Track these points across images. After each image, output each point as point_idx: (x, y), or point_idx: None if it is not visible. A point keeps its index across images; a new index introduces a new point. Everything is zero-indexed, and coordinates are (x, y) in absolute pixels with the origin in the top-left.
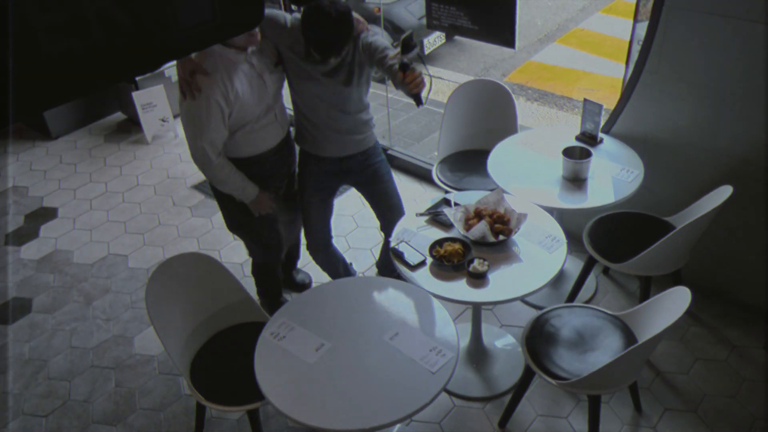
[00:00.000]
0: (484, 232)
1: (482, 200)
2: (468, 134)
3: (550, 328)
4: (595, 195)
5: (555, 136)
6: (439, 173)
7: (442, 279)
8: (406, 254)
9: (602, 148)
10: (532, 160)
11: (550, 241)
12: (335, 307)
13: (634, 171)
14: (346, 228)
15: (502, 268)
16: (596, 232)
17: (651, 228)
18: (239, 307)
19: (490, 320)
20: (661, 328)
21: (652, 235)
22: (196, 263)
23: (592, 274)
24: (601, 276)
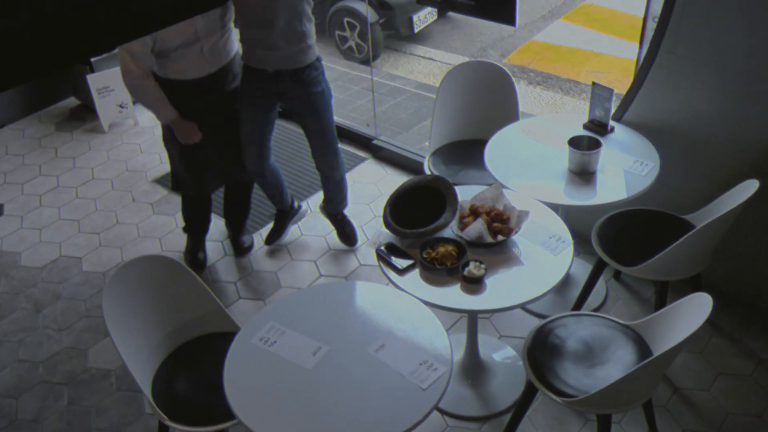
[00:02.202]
0: (481, 232)
1: (479, 196)
2: (463, 122)
3: (554, 339)
4: (605, 190)
5: (560, 124)
6: (431, 166)
7: (433, 284)
8: (393, 257)
9: (613, 137)
10: (535, 151)
11: (555, 242)
12: (310, 316)
13: (648, 163)
14: (326, 227)
15: (500, 272)
16: (606, 231)
17: (668, 227)
18: (207, 315)
19: (487, 330)
20: (679, 340)
21: (669, 235)
22: (159, 267)
23: (601, 279)
24: (611, 281)
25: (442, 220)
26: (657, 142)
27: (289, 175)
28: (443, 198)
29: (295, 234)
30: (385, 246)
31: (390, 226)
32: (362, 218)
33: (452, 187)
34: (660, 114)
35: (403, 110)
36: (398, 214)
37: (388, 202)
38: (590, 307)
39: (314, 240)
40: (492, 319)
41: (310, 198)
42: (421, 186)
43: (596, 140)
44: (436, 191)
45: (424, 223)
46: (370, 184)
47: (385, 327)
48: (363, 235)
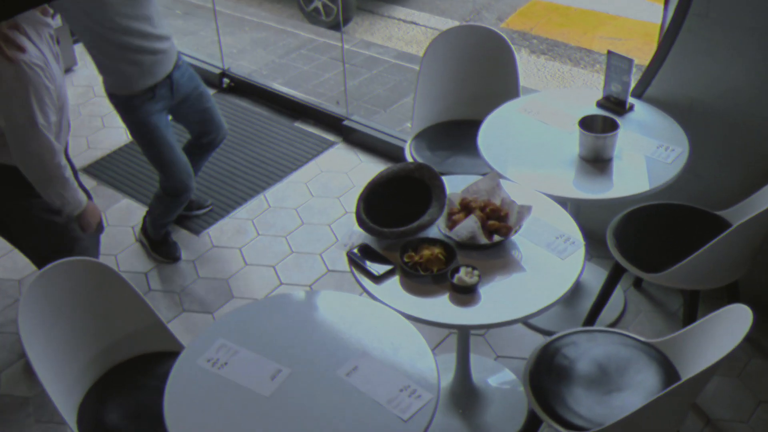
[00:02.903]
0: (474, 231)
1: (471, 188)
2: (452, 100)
3: (562, 361)
4: (623, 181)
5: (569, 101)
6: (414, 152)
7: (416, 294)
8: (368, 261)
9: (632, 117)
10: (539, 134)
11: (563, 244)
12: (268, 332)
13: (675, 148)
14: (287, 226)
15: (497, 279)
16: (625, 231)
17: (698, 225)
18: (144, 331)
19: (481, 350)
20: (712, 361)
21: (700, 234)
22: (86, 273)
23: (619, 288)
24: (631, 290)
25: (427, 216)
26: (685, 123)
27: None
28: (428, 190)
29: (249, 233)
30: (359, 248)
31: (364, 225)
32: (330, 215)
33: (439, 177)
34: (689, 89)
35: (380, 85)
36: (374, 209)
37: (362, 196)
38: (605, 322)
39: (272, 241)
40: (487, 336)
41: (269, 190)
42: (401, 176)
43: (612, 121)
44: (419, 182)
45: (406, 220)
46: (340, 174)
47: (358, 345)
48: (332, 235)
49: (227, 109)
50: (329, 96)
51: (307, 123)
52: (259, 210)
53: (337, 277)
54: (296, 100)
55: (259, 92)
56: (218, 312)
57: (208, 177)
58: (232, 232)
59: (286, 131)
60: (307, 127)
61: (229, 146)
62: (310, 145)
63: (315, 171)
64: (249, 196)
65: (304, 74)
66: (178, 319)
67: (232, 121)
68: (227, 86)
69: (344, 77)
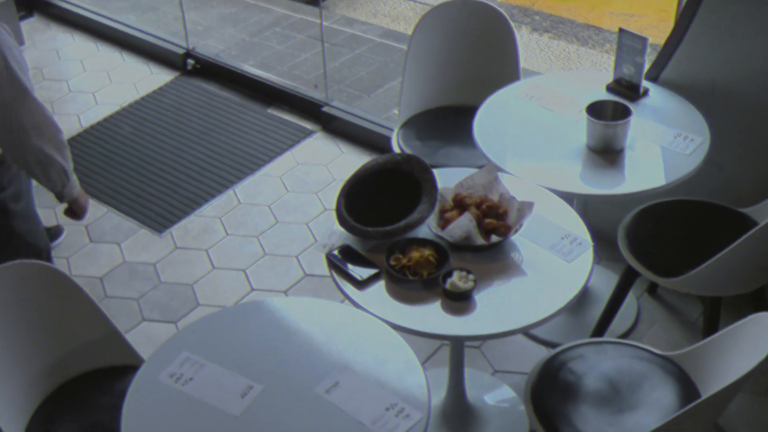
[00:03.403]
0: (469, 231)
1: (466, 182)
2: (445, 83)
3: (568, 376)
4: (637, 174)
5: (576, 85)
6: (401, 142)
7: (404, 301)
8: (350, 264)
9: (647, 103)
10: (542, 122)
11: (569, 245)
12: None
13: (694, 138)
14: (259, 224)
15: (495, 284)
16: (638, 230)
17: (720, 224)
18: (99, 343)
19: (477, 363)
20: (735, 376)
21: (723, 234)
22: (33, 278)
23: (631, 295)
24: (645, 297)
25: (417, 214)
26: (706, 109)
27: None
28: (417, 185)
29: (216, 233)
30: (340, 250)
31: (346, 223)
32: (308, 212)
33: (430, 170)
34: (710, 71)
35: (364, 67)
36: (357, 206)
37: (344, 191)
38: (616, 333)
39: (243, 242)
40: (483, 349)
41: (239, 185)
42: (388, 169)
43: (624, 107)
44: (407, 176)
45: (392, 218)
46: (319, 167)
47: (339, 359)
48: (310, 236)
49: (191, 93)
50: (307, 79)
51: (282, 109)
52: (228, 207)
53: (315, 282)
54: (269, 83)
55: (227, 75)
56: (182, 321)
57: (170, 170)
58: (197, 232)
59: (258, 119)
60: (282, 114)
61: (194, 136)
62: (285, 134)
63: (291, 163)
64: (216, 191)
65: (278, 55)
66: (138, 329)
67: (198, 107)
68: (192, 68)
69: (323, 58)
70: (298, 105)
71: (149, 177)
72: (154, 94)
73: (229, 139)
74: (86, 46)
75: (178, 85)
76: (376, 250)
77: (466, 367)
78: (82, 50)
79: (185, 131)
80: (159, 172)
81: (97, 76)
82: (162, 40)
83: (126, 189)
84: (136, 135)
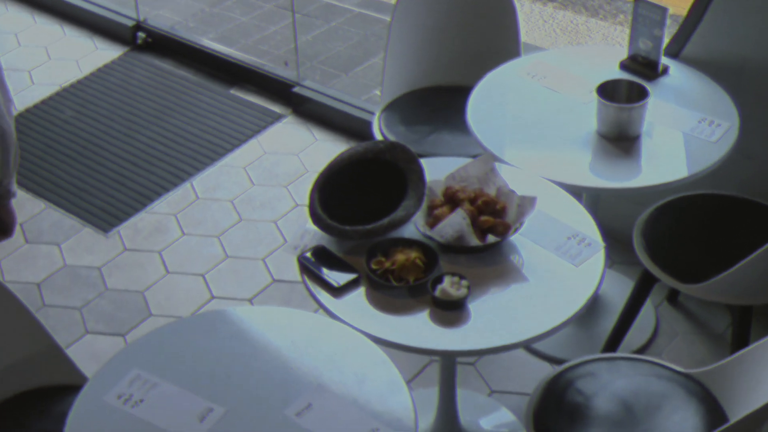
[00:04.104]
0: (462, 230)
1: (458, 174)
2: (434, 60)
3: (575, 397)
4: (655, 165)
5: (585, 62)
6: (384, 127)
7: (387, 311)
8: (324, 269)
9: (667, 83)
10: (546, 105)
11: (576, 246)
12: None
13: (721, 123)
14: (220, 223)
15: (492, 292)
16: (656, 229)
17: (751, 222)
18: (37, 359)
19: (471, 383)
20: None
21: (753, 233)
22: None
23: (648, 303)
24: (665, 306)
25: (402, 211)
26: (734, 89)
27: (169, 144)
28: (402, 177)
29: (171, 232)
30: (313, 252)
31: (320, 221)
32: (277, 208)
33: (417, 160)
34: (739, 46)
35: (341, 41)
36: (333, 202)
37: (318, 184)
38: (631, 347)
39: (202, 243)
40: (479, 366)
41: (197, 177)
42: (368, 159)
43: (640, 87)
44: (391, 167)
45: (374, 215)
46: (290, 156)
47: (312, 377)
48: (279, 236)
49: (142, 72)
50: (275, 55)
51: (247, 90)
52: (185, 202)
53: (285, 288)
54: (232, 60)
55: (184, 50)
56: (132, 334)
57: (118, 160)
58: (149, 231)
59: (219, 101)
60: (247, 96)
61: (145, 121)
62: (251, 118)
63: (257, 152)
64: (171, 184)
65: (242, 27)
66: (81, 343)
67: (150, 87)
68: (143, 42)
69: (294, 31)
70: (266, 85)
71: (94, 168)
72: (99, 73)
73: (186, 125)
74: (21, 17)
75: (126, 63)
76: (355, 252)
77: (459, 387)
78: (17, 22)
79: (135, 115)
80: (105, 163)
81: (34, 52)
82: (108, 10)
83: (67, 182)
84: (78, 119)
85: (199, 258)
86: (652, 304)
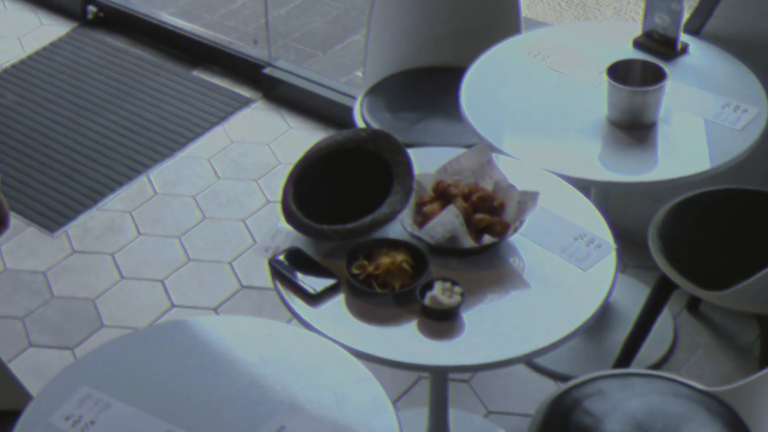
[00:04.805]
0: (454, 230)
1: (450, 166)
2: (423, 37)
3: (583, 418)
4: (673, 156)
5: (594, 39)
6: (367, 113)
7: (371, 321)
8: (299, 273)
9: (686, 63)
10: (549, 88)
11: (584, 247)
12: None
13: (747, 108)
14: (181, 221)
15: (488, 299)
16: (675, 229)
17: None
18: None
19: (466, 402)
20: None
21: None
22: None
23: (666, 312)
24: (684, 315)
25: (386, 208)
26: (763, 70)
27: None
28: (387, 170)
29: (126, 232)
30: (287, 254)
31: (295, 220)
32: (245, 205)
33: (404, 150)
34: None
35: (318, 15)
36: (309, 198)
37: (292, 178)
38: (646, 362)
39: (161, 244)
40: (474, 383)
41: (155, 169)
42: (349, 149)
43: (657, 68)
44: (374, 158)
45: (355, 213)
46: (260, 145)
47: (285, 396)
48: (248, 236)
49: (93, 51)
50: (244, 32)
51: (212, 71)
52: (141, 198)
53: (254, 296)
54: (195, 37)
55: (140, 26)
56: (81, 347)
57: (65, 150)
58: (100, 231)
59: (180, 84)
60: (211, 78)
61: (97, 106)
62: (216, 103)
63: (222, 141)
64: (126, 177)
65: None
66: (23, 357)
67: (102, 68)
68: (93, 17)
69: (265, 4)
70: (232, 66)
71: (38, 160)
72: (44, 52)
73: (143, 111)
74: None
75: (75, 40)
76: (333, 254)
77: (451, 407)
78: None
79: (85, 100)
80: (51, 154)
81: None
82: None
83: (8, 175)
84: (21, 105)
85: (158, 261)
86: (671, 313)
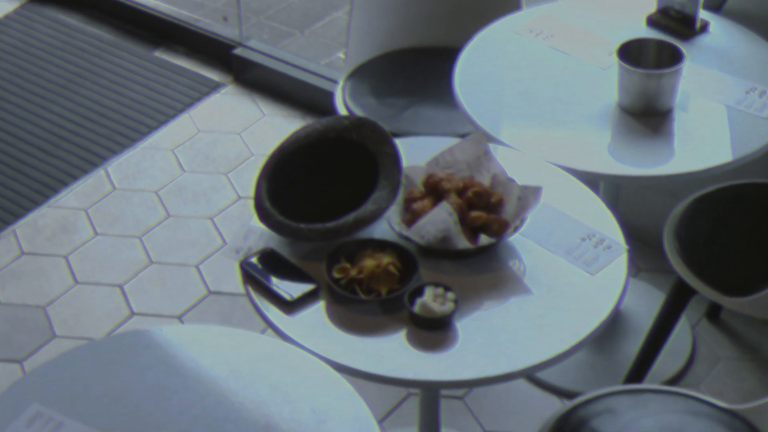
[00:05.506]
0: (447, 229)
1: (443, 158)
2: (412, 14)
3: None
4: (690, 146)
5: (603, 16)
6: (349, 99)
7: (354, 331)
8: (274, 277)
9: (706, 43)
10: (553, 71)
11: (592, 249)
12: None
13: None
14: (142, 220)
15: (485, 307)
16: (693, 228)
17: None
18: None
19: (460, 421)
20: None
21: None
22: None
23: (683, 321)
24: (703, 325)
25: (371, 205)
26: None
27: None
28: (373, 162)
29: (81, 231)
30: (260, 256)
31: (269, 218)
32: (213, 202)
33: (391, 141)
34: None
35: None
36: (286, 194)
37: (266, 172)
38: (661, 377)
39: (119, 245)
40: (469, 400)
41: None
42: (329, 139)
43: (673, 48)
44: (358, 149)
45: (336, 211)
46: (230, 135)
47: (258, 414)
48: (217, 236)
49: (44, 29)
50: (211, 8)
51: (176, 52)
52: (98, 194)
53: (224, 302)
54: (158, 14)
55: (97, 2)
56: (31, 360)
57: (13, 141)
58: (53, 231)
59: (141, 66)
60: (176, 59)
61: (48, 91)
62: (181, 87)
63: (189, 130)
64: (81, 171)
65: None
66: None
67: (54, 48)
68: None
69: None
70: (200, 46)
71: None
72: None
73: (100, 96)
74: None
75: (24, 17)
76: (312, 256)
77: (444, 427)
78: None
79: (36, 84)
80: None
81: None
82: None
83: None
84: None
85: (116, 264)
86: (688, 322)
